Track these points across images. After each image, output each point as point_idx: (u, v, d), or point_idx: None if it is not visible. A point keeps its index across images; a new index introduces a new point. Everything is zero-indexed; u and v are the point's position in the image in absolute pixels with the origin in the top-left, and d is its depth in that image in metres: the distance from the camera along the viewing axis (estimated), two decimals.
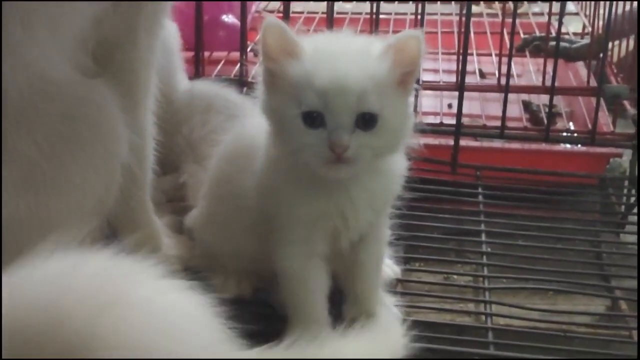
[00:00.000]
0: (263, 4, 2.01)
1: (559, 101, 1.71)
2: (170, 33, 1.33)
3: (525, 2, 2.29)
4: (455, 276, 1.25)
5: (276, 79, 0.90)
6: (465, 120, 1.47)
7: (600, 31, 1.78)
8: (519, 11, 1.92)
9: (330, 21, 1.50)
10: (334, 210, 0.96)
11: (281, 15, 1.57)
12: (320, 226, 0.98)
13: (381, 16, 1.58)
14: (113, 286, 0.74)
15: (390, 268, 1.15)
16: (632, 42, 1.73)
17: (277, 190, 0.98)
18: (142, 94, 1.10)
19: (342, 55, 0.89)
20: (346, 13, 2.05)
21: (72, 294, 0.72)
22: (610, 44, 1.72)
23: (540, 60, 1.76)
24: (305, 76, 0.88)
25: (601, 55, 1.59)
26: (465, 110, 1.47)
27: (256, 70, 0.96)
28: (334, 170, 0.90)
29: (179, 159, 1.21)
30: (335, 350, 0.87)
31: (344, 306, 1.06)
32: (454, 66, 1.61)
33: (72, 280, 0.73)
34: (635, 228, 1.37)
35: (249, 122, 1.07)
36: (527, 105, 1.73)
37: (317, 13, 2.03)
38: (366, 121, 0.89)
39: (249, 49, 1.57)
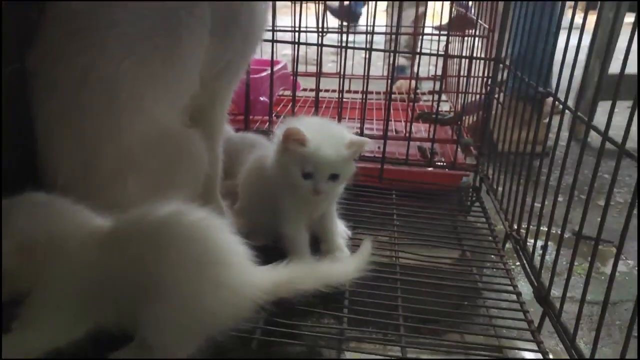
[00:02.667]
0: (281, 90, 1.99)
1: (437, 146, 1.69)
2: None
3: (420, 93, 2.27)
4: (380, 236, 1.21)
5: (288, 151, 0.93)
6: (387, 154, 1.45)
7: (459, 110, 1.76)
8: (418, 97, 1.91)
9: (317, 101, 1.47)
10: (309, 203, 0.99)
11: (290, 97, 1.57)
12: (302, 209, 0.99)
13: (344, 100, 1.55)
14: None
15: (344, 230, 1.13)
16: (475, 117, 1.72)
17: (279, 191, 0.99)
18: (217, 137, 1.08)
19: (327, 143, 0.92)
20: (325, 98, 2.01)
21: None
22: (464, 117, 1.71)
23: (427, 125, 1.74)
24: (307, 154, 0.91)
25: (459, 123, 1.57)
26: (388, 149, 1.45)
27: (276, 146, 0.97)
28: (314, 198, 0.95)
29: (236, 172, 1.20)
30: (322, 269, 0.84)
31: (321, 245, 1.06)
32: (382, 126, 1.58)
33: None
34: (476, 213, 1.36)
35: (263, 153, 1.07)
36: (420, 148, 1.70)
37: (309, 97, 2.00)
38: (333, 177, 0.94)
39: (273, 115, 1.56)
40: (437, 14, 2.54)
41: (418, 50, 1.49)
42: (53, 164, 0.87)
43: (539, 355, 0.86)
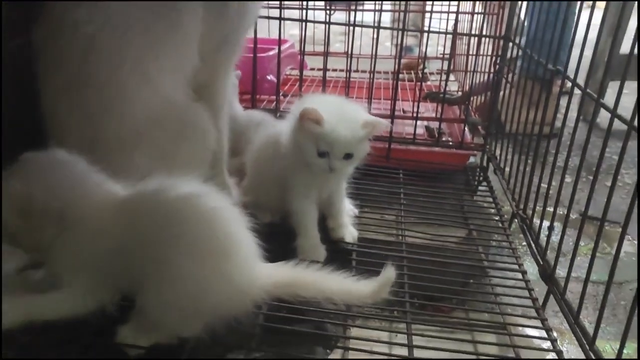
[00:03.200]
0: (288, 69, 1.98)
1: (444, 126, 1.69)
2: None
3: (428, 73, 2.26)
4: (386, 215, 1.22)
5: (304, 130, 0.92)
6: (394, 134, 1.45)
7: (467, 89, 1.75)
8: (425, 77, 1.91)
9: (324, 81, 1.47)
10: (320, 180, 1.00)
11: (297, 77, 1.56)
12: (313, 186, 1.00)
13: (351, 79, 1.55)
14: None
15: (351, 209, 1.14)
16: (483, 97, 1.71)
17: (290, 168, 1.00)
18: (221, 113, 1.07)
19: (343, 123, 0.91)
20: (332, 78, 2.00)
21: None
22: (472, 97, 1.70)
23: (434, 105, 1.74)
24: (323, 134, 0.91)
25: (467, 102, 1.57)
26: (395, 129, 1.45)
27: (292, 124, 0.96)
28: (328, 176, 0.96)
29: (242, 150, 1.21)
30: (330, 283, 0.78)
31: (327, 221, 1.07)
32: (389, 105, 1.58)
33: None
34: (483, 193, 1.37)
35: (275, 130, 1.06)
36: (427, 128, 1.70)
37: (317, 77, 1.99)
38: (347, 156, 0.94)
39: (281, 94, 1.56)
40: None
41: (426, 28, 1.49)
42: (59, 137, 0.87)
43: (543, 333, 0.87)
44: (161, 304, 0.70)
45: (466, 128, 1.52)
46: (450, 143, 1.55)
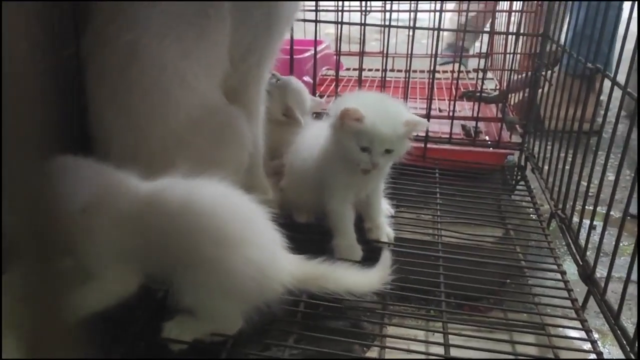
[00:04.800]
0: (324, 69, 2.00)
1: (481, 125, 1.68)
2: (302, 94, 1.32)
3: (464, 70, 2.23)
4: (422, 215, 1.22)
5: (345, 128, 0.93)
6: (430, 133, 1.44)
7: (504, 88, 1.74)
8: (460, 76, 1.89)
9: (360, 81, 1.48)
10: (359, 180, 0.99)
11: (333, 77, 1.57)
12: (351, 187, 1.00)
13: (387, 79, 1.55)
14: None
15: (387, 208, 1.15)
16: (521, 94, 1.68)
17: (330, 167, 1.00)
18: (255, 117, 1.09)
19: (383, 119, 0.92)
20: (368, 77, 2.00)
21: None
22: (509, 95, 1.68)
23: (471, 104, 1.72)
24: (365, 131, 0.92)
25: (504, 101, 1.56)
26: (431, 128, 1.45)
27: (332, 122, 0.96)
28: (370, 171, 0.95)
29: (283, 152, 1.23)
30: (349, 277, 0.84)
31: (364, 223, 1.07)
32: (425, 104, 1.57)
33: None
34: (521, 192, 1.35)
35: (312, 131, 1.09)
36: (463, 127, 1.69)
37: (352, 77, 2.00)
38: (388, 151, 0.94)
39: (317, 95, 1.57)
40: None
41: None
42: (105, 143, 0.90)
43: (583, 334, 0.86)
44: (193, 287, 0.73)
45: (503, 127, 1.51)
46: (488, 142, 1.54)
